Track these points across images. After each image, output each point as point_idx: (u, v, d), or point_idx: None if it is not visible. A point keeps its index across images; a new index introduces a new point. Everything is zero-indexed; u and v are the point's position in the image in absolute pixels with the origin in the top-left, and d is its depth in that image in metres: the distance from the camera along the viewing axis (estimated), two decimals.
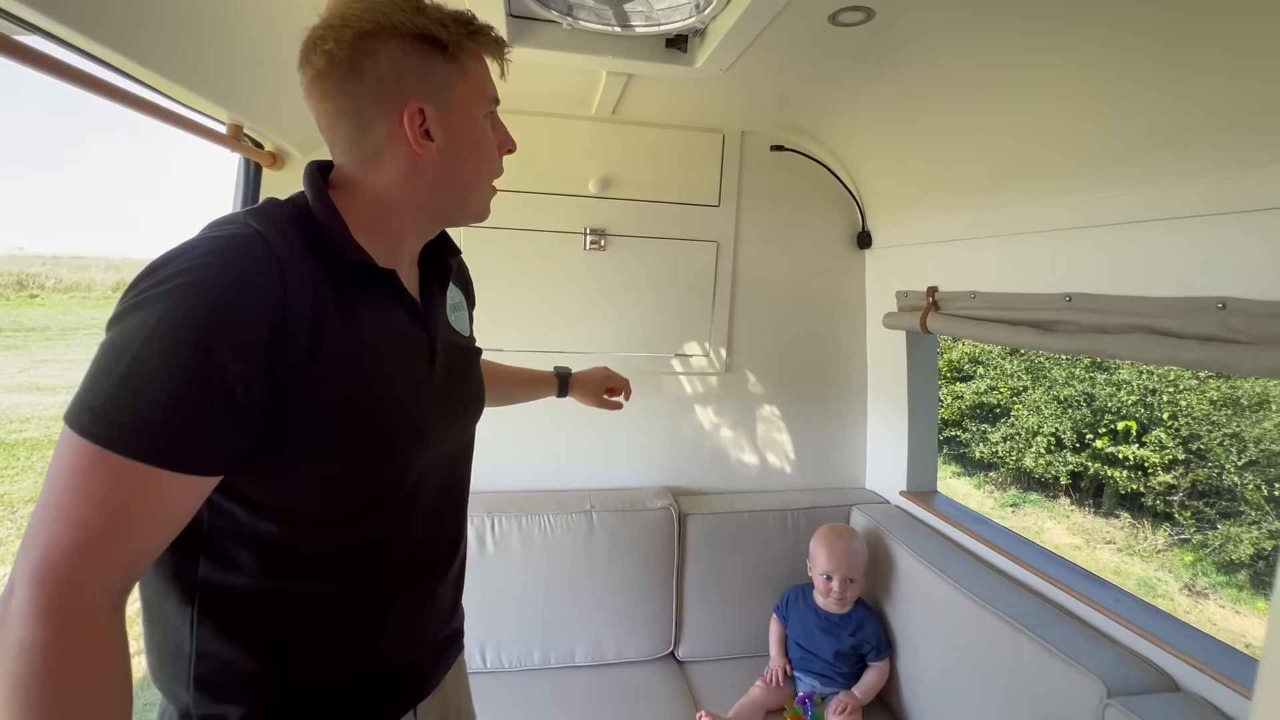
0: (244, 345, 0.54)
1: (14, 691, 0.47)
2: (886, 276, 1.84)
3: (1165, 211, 1.01)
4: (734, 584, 1.78)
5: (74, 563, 0.50)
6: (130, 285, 0.56)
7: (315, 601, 0.67)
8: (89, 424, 0.51)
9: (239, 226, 0.60)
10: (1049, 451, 6.55)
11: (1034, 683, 1.19)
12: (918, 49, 1.16)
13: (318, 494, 0.64)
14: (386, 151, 0.67)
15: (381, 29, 0.63)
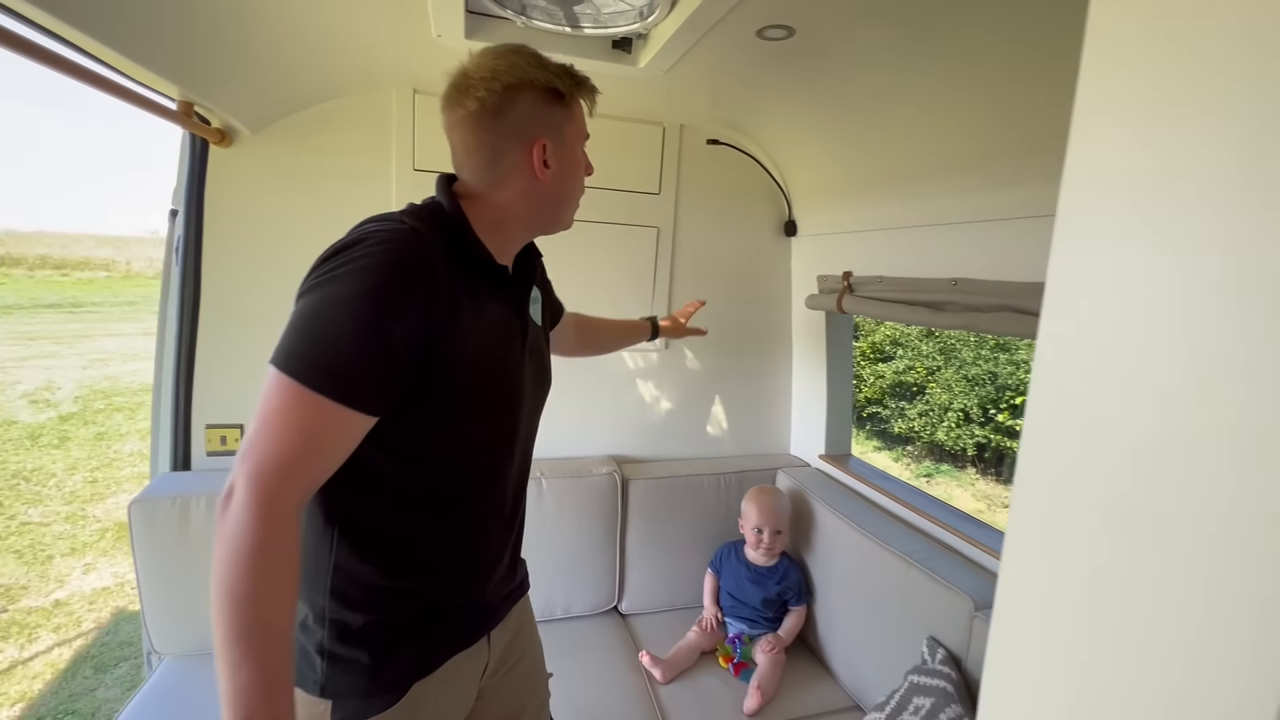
0: (407, 315, 0.70)
1: (233, 558, 0.63)
2: (809, 262, 2.04)
3: (1024, 211, 1.22)
4: (672, 542, 1.96)
5: (279, 474, 0.65)
6: (320, 263, 0.73)
7: (429, 534, 0.83)
8: (295, 369, 0.67)
9: (399, 223, 0.76)
10: (958, 426, 7.16)
11: (921, 605, 1.42)
12: (831, 63, 1.32)
13: (440, 443, 0.80)
14: (512, 175, 0.84)
15: (522, 83, 0.81)
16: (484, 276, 0.82)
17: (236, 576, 0.63)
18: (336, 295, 0.69)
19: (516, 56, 0.83)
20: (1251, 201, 0.34)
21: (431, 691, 0.86)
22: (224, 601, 0.63)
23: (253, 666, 0.62)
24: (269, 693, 0.63)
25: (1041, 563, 0.46)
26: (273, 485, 0.65)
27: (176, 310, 1.64)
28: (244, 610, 0.63)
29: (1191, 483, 0.37)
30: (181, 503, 1.57)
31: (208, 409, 1.72)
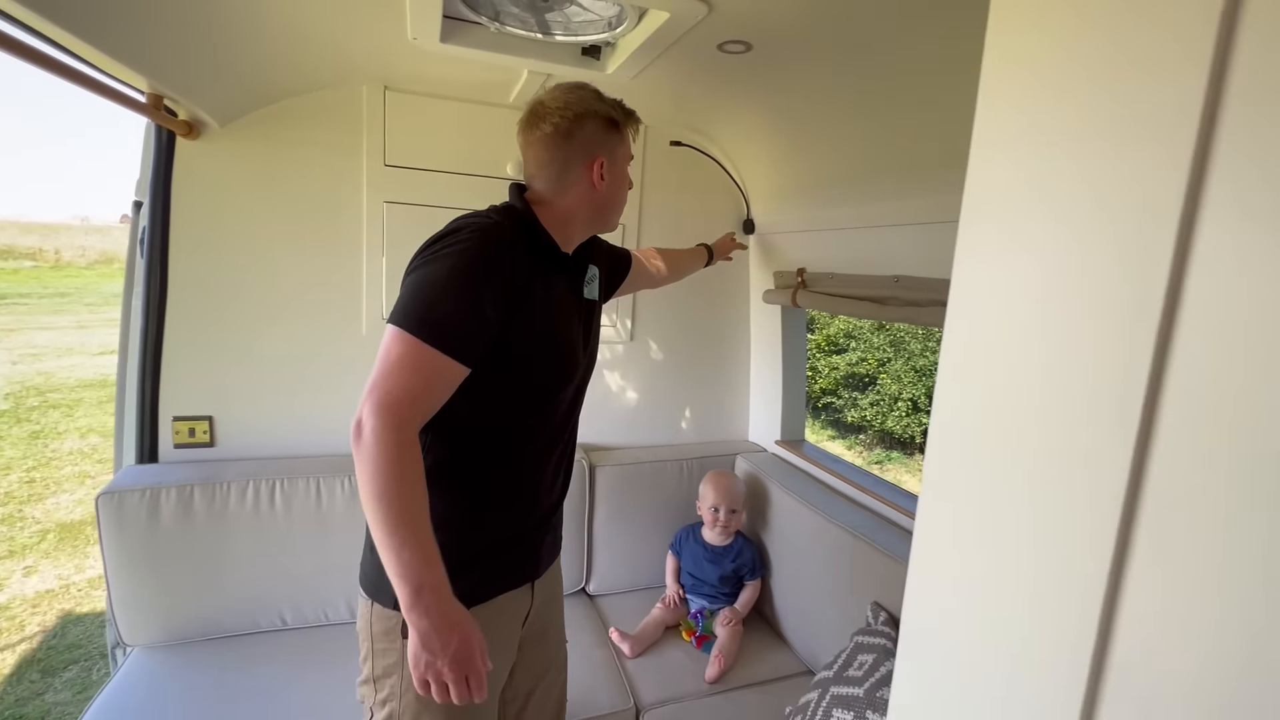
0: (495, 286, 0.90)
1: (377, 469, 0.80)
2: (766, 259, 2.15)
3: (954, 215, 1.36)
4: (637, 526, 2.05)
5: (401, 404, 0.82)
6: (426, 245, 0.93)
7: (495, 476, 1.02)
8: (410, 325, 0.85)
9: (487, 218, 0.97)
10: (908, 414, 7.48)
11: (866, 574, 1.55)
12: (785, 77, 1.43)
13: (510, 395, 0.99)
14: (574, 185, 1.05)
15: (588, 113, 1.03)
16: (551, 261, 1.02)
17: (384, 482, 0.80)
18: (441, 271, 0.88)
19: (584, 92, 1.05)
20: (1097, 217, 0.45)
21: (482, 619, 0.99)
22: (378, 504, 0.80)
23: (413, 546, 0.80)
24: (429, 563, 0.82)
25: (947, 510, 0.58)
26: (398, 412, 0.82)
27: (142, 303, 1.64)
28: (395, 506, 0.80)
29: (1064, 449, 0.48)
30: (151, 494, 1.58)
31: (175, 402, 1.72)
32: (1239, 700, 0.37)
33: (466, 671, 0.85)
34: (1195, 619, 0.39)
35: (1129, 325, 0.41)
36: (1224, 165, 0.38)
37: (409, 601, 0.81)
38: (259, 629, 1.69)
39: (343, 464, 1.79)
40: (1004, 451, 0.51)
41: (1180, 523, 0.39)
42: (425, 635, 0.82)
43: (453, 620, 0.83)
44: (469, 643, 0.85)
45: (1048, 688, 0.47)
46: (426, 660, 0.83)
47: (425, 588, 0.81)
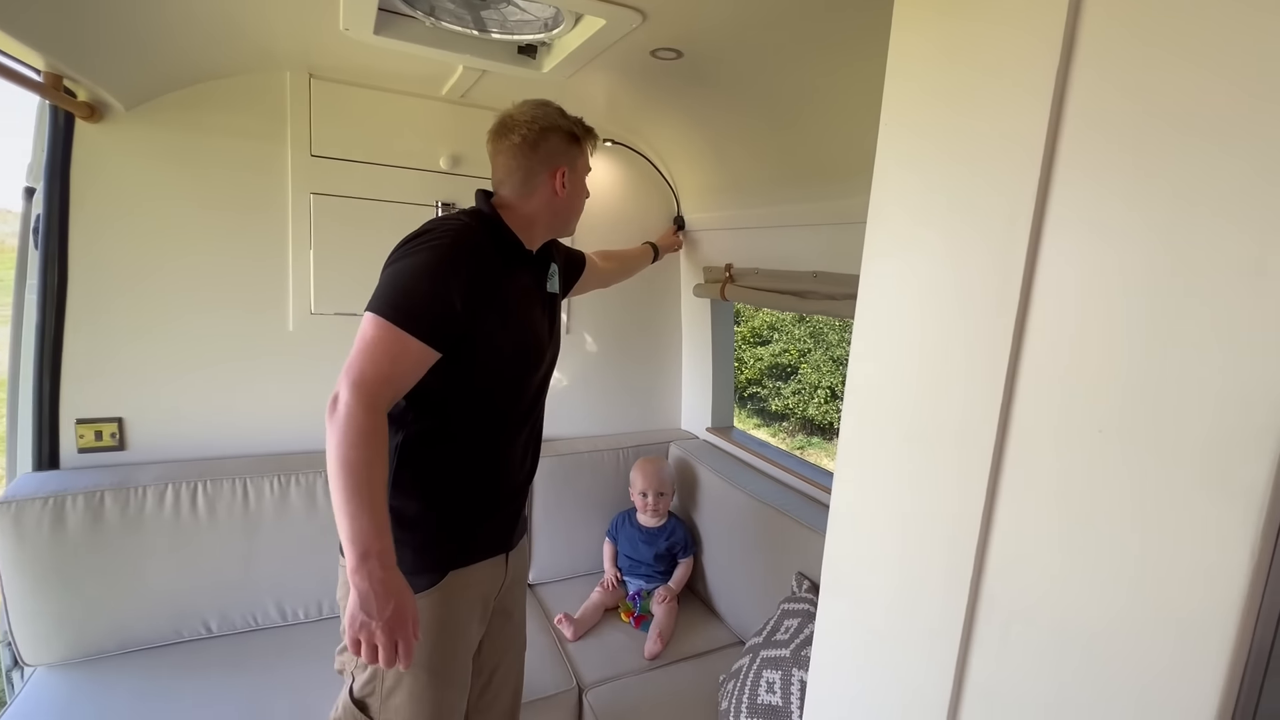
0: (462, 279, 0.99)
1: (345, 439, 0.89)
2: (696, 254, 2.25)
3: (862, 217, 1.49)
4: (575, 514, 2.10)
5: (374, 383, 0.91)
6: (403, 243, 1.03)
7: (468, 449, 1.11)
8: (386, 311, 0.94)
9: (458, 219, 1.08)
10: (826, 402, 7.91)
11: (791, 548, 1.68)
12: (712, 83, 1.52)
13: (480, 377, 1.07)
14: (538, 191, 1.16)
15: (552, 127, 1.15)
16: (516, 258, 1.13)
17: (349, 451, 0.88)
18: (416, 264, 0.98)
19: (549, 108, 1.17)
20: (969, 228, 0.55)
21: (462, 583, 1.12)
22: (340, 471, 0.88)
23: (367, 514, 0.88)
24: (379, 531, 0.89)
25: (855, 483, 0.67)
26: (371, 389, 0.91)
27: (38, 296, 1.52)
28: (356, 475, 0.88)
29: (944, 424, 0.58)
30: (55, 503, 1.47)
31: (78, 403, 1.61)
32: (1072, 611, 0.48)
33: (398, 637, 0.91)
34: (1042, 556, 0.49)
35: (993, 317, 0.51)
36: (1062, 186, 0.48)
37: (354, 564, 0.89)
38: (181, 639, 1.62)
39: (271, 464, 1.73)
40: (898, 428, 0.61)
41: (1029, 481, 0.50)
42: (364, 597, 0.89)
43: (391, 588, 0.90)
44: (403, 611, 0.92)
45: (938, 620, 0.58)
46: (362, 621, 0.90)
47: (371, 554, 0.89)
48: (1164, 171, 0.42)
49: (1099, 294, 0.45)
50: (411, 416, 1.07)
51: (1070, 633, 0.48)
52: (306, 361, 1.82)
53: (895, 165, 0.63)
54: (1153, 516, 0.43)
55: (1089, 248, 0.46)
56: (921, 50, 0.59)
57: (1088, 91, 0.46)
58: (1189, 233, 0.41)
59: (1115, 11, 0.45)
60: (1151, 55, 0.43)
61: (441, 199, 1.90)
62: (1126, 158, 0.44)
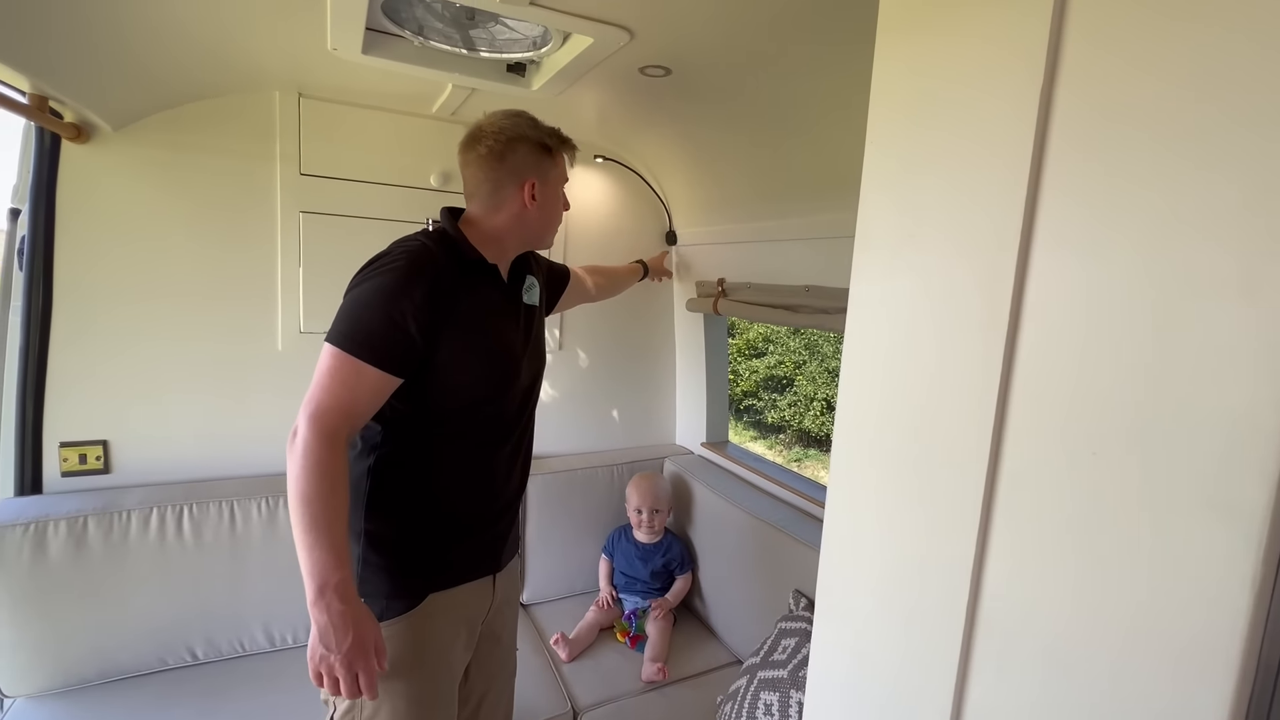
0: (417, 303, 0.96)
1: (303, 472, 0.89)
2: (689, 269, 2.25)
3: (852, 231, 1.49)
4: (569, 532, 2.08)
5: (331, 415, 0.91)
6: (362, 268, 1.01)
7: (443, 471, 1.08)
8: (340, 341, 0.93)
9: (416, 241, 1.05)
10: (823, 414, 7.90)
11: (787, 565, 1.66)
12: (701, 100, 1.52)
13: (450, 397, 1.05)
14: (506, 205, 1.12)
15: (520, 138, 1.11)
16: (480, 274, 1.09)
17: (306, 485, 0.88)
18: (370, 290, 0.97)
19: (519, 118, 1.13)
20: (957, 251, 0.55)
21: (443, 606, 1.09)
22: (300, 504, 0.88)
23: (324, 546, 0.88)
24: (337, 563, 0.89)
25: (848, 503, 0.66)
26: (328, 421, 0.91)
27: (22, 318, 1.50)
28: (313, 508, 0.88)
29: (936, 442, 0.57)
30: (36, 529, 1.45)
31: (61, 426, 1.58)
32: (1072, 636, 0.47)
33: (357, 668, 0.90)
34: (1041, 580, 0.48)
35: (982, 340, 0.50)
36: (1049, 207, 0.48)
37: (312, 597, 0.88)
38: (166, 666, 1.58)
39: (259, 485, 1.70)
40: (890, 452, 0.60)
41: (1024, 503, 0.49)
42: (323, 630, 0.89)
43: (349, 619, 0.89)
44: (363, 641, 0.91)
45: (935, 644, 0.56)
46: (321, 654, 0.90)
47: (329, 586, 0.88)
48: (1149, 191, 0.42)
49: (1089, 315, 0.44)
50: (383, 438, 1.05)
51: (1071, 658, 0.47)
52: (296, 381, 1.80)
53: (881, 188, 0.63)
54: (1151, 540, 0.42)
55: (1078, 269, 0.45)
56: (904, 75, 0.59)
57: (1071, 113, 0.46)
58: (1176, 253, 0.40)
59: (1096, 33, 0.44)
60: (1133, 76, 0.42)
61: (432, 216, 1.89)
62: (1111, 178, 0.43)
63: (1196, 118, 0.40)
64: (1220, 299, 0.38)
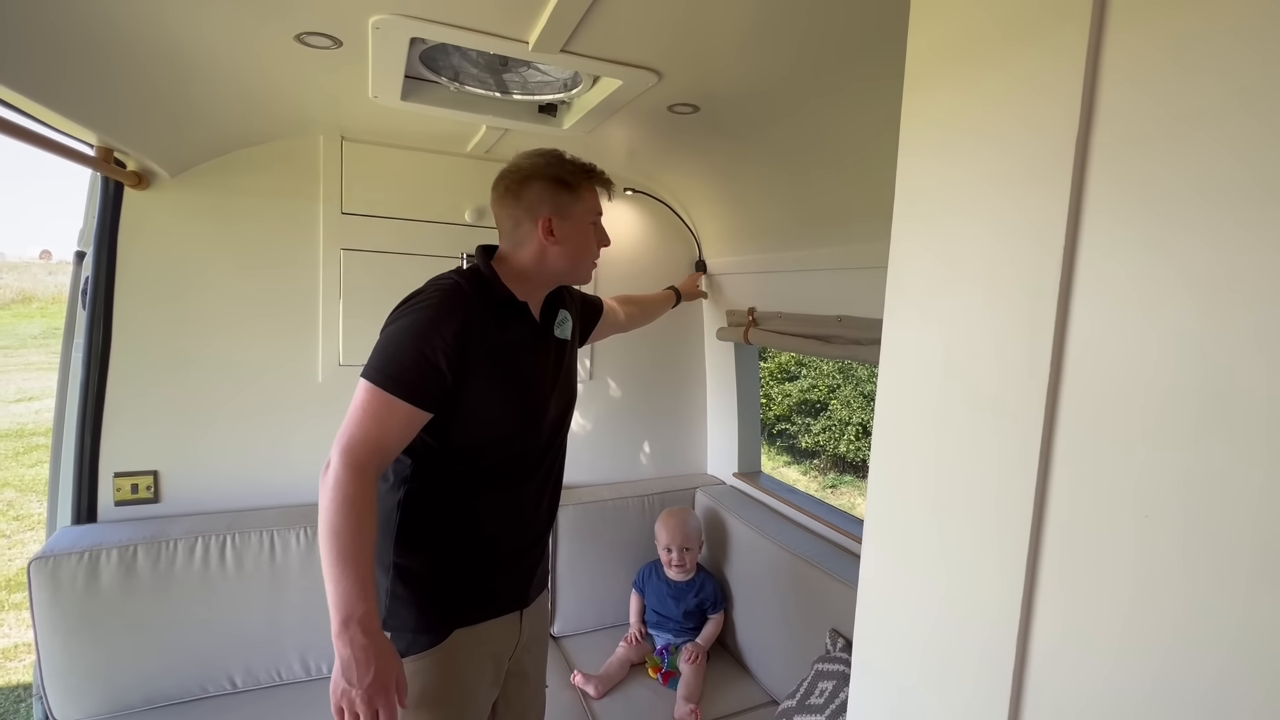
0: (447, 340, 0.99)
1: (333, 505, 0.91)
2: (719, 298, 2.24)
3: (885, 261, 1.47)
4: (600, 564, 2.06)
5: (362, 449, 0.94)
6: (398, 305, 1.05)
7: (472, 506, 1.09)
8: (374, 377, 0.96)
9: (449, 279, 1.08)
10: (857, 438, 7.72)
11: (822, 602, 1.61)
12: (729, 135, 1.53)
13: (477, 433, 1.06)
14: (528, 242, 1.14)
15: (534, 175, 1.13)
16: (510, 311, 1.12)
17: (336, 516, 0.90)
18: (403, 328, 1.00)
19: (539, 157, 1.15)
20: (992, 295, 0.53)
21: (469, 642, 1.09)
22: (329, 536, 0.90)
23: (349, 579, 0.90)
24: (362, 595, 0.90)
25: (888, 540, 0.64)
26: (358, 456, 0.93)
27: (84, 355, 1.58)
28: (342, 541, 0.90)
29: (977, 492, 0.55)
30: (90, 557, 1.50)
31: (116, 457, 1.65)
32: (1131, 711, 0.44)
33: (377, 704, 0.91)
34: (1094, 649, 0.45)
35: (1021, 393, 0.48)
36: (1088, 256, 0.46)
37: (337, 629, 0.89)
38: (206, 694, 1.61)
39: (298, 515, 1.74)
40: (927, 504, 0.58)
41: (1073, 566, 0.47)
42: (346, 664, 0.89)
43: (372, 653, 0.90)
44: (384, 676, 0.91)
45: (980, 711, 0.53)
46: (343, 688, 0.90)
47: (353, 619, 0.89)
48: (1196, 239, 0.40)
49: (1134, 370, 0.43)
50: (413, 472, 1.07)
51: None
52: (335, 412, 1.85)
53: (912, 235, 0.62)
54: (1214, 610, 0.39)
55: (1120, 322, 0.43)
56: (933, 125, 0.58)
57: (1110, 157, 0.45)
58: (1222, 310, 0.38)
59: (1134, 76, 0.43)
60: (1173, 119, 0.41)
61: (467, 251, 1.94)
62: (1155, 225, 0.42)
63: (1243, 162, 0.38)
64: (1274, 356, 0.36)
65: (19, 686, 2.82)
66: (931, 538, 0.57)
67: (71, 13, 0.94)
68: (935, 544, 0.57)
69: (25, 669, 2.93)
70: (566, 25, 0.99)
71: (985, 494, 0.52)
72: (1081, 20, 0.45)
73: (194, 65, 1.19)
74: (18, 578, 3.76)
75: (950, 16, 0.56)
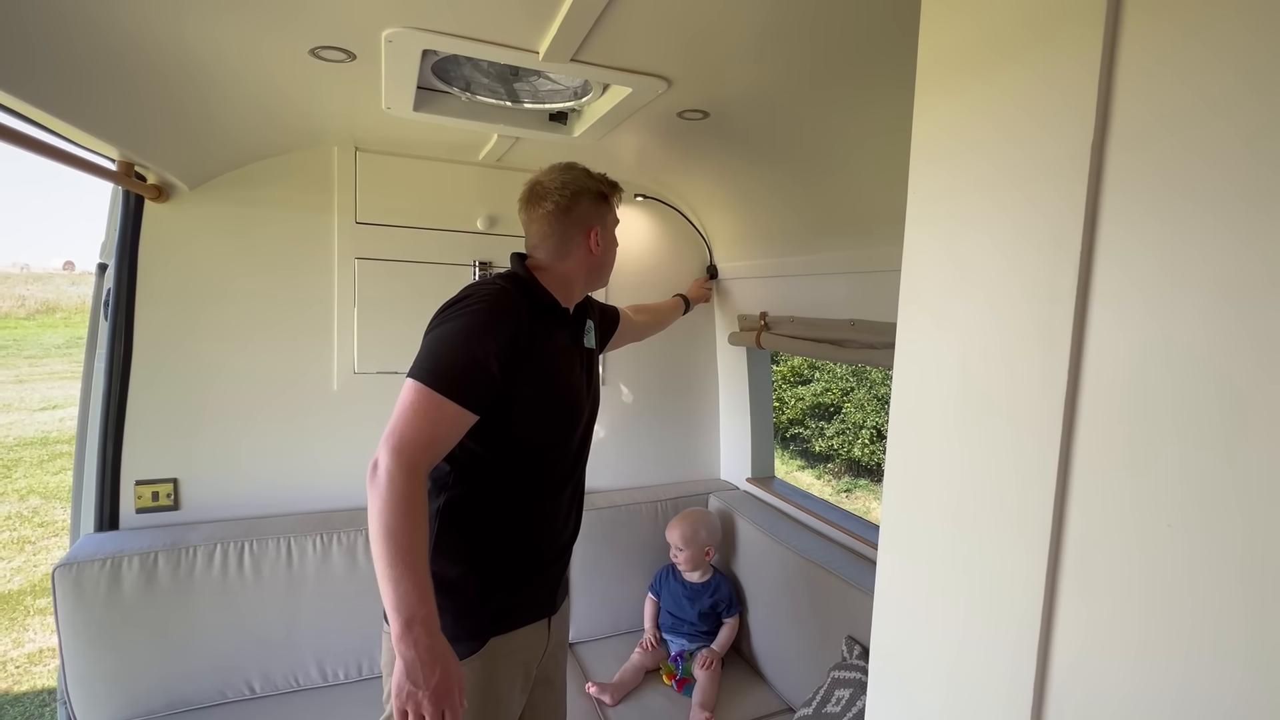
0: (500, 342, 1.00)
1: (387, 506, 0.89)
2: (730, 303, 2.24)
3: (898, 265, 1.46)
4: (613, 570, 2.06)
5: (414, 448, 0.92)
6: (443, 308, 1.06)
7: (508, 512, 1.10)
8: (425, 378, 0.95)
9: (495, 284, 1.09)
10: (872, 442, 7.65)
11: (838, 609, 1.60)
12: (740, 140, 1.53)
13: (521, 439, 1.08)
14: (574, 253, 1.19)
15: (583, 190, 1.18)
16: (553, 317, 1.14)
17: (391, 518, 0.89)
18: (453, 330, 1.00)
19: (575, 171, 1.20)
20: (1007, 303, 0.53)
21: (504, 650, 1.10)
22: (382, 537, 0.89)
23: (410, 580, 0.88)
24: (423, 597, 0.89)
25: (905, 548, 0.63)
26: (410, 455, 0.92)
27: (105, 365, 1.61)
28: (399, 540, 0.89)
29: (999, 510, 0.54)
30: (112, 564, 1.53)
31: (138, 465, 1.68)
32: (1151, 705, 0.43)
33: (444, 706, 0.90)
34: (1116, 662, 0.45)
35: (1039, 401, 0.48)
36: (1105, 260, 0.45)
37: (399, 632, 0.88)
38: (225, 699, 1.63)
39: (315, 522, 1.76)
40: (944, 515, 0.57)
41: (1094, 576, 0.46)
42: (410, 666, 0.88)
43: (437, 654, 0.89)
44: (450, 678, 0.91)
45: (1000, 711, 0.53)
46: (409, 691, 0.89)
47: (416, 620, 0.88)
48: (1212, 246, 0.39)
49: (1154, 376, 0.42)
50: (453, 479, 1.07)
51: None
52: (350, 419, 1.87)
53: (926, 237, 0.62)
54: (1238, 621, 0.38)
55: (1139, 327, 0.43)
56: (945, 131, 0.58)
57: (1126, 161, 0.44)
58: (1244, 314, 0.38)
59: (1149, 77, 0.43)
60: (1189, 126, 0.40)
61: (479, 258, 1.96)
62: (1173, 231, 0.41)
63: (1264, 162, 0.37)
64: None
65: (44, 691, 2.87)
66: (949, 546, 0.56)
67: (94, 32, 0.97)
68: (953, 553, 0.56)
69: (50, 674, 2.99)
70: (576, 35, 0.99)
71: (1003, 502, 0.51)
72: (1096, 22, 0.45)
73: (212, 80, 1.22)
74: (44, 583, 3.84)
75: (962, 19, 0.56)
